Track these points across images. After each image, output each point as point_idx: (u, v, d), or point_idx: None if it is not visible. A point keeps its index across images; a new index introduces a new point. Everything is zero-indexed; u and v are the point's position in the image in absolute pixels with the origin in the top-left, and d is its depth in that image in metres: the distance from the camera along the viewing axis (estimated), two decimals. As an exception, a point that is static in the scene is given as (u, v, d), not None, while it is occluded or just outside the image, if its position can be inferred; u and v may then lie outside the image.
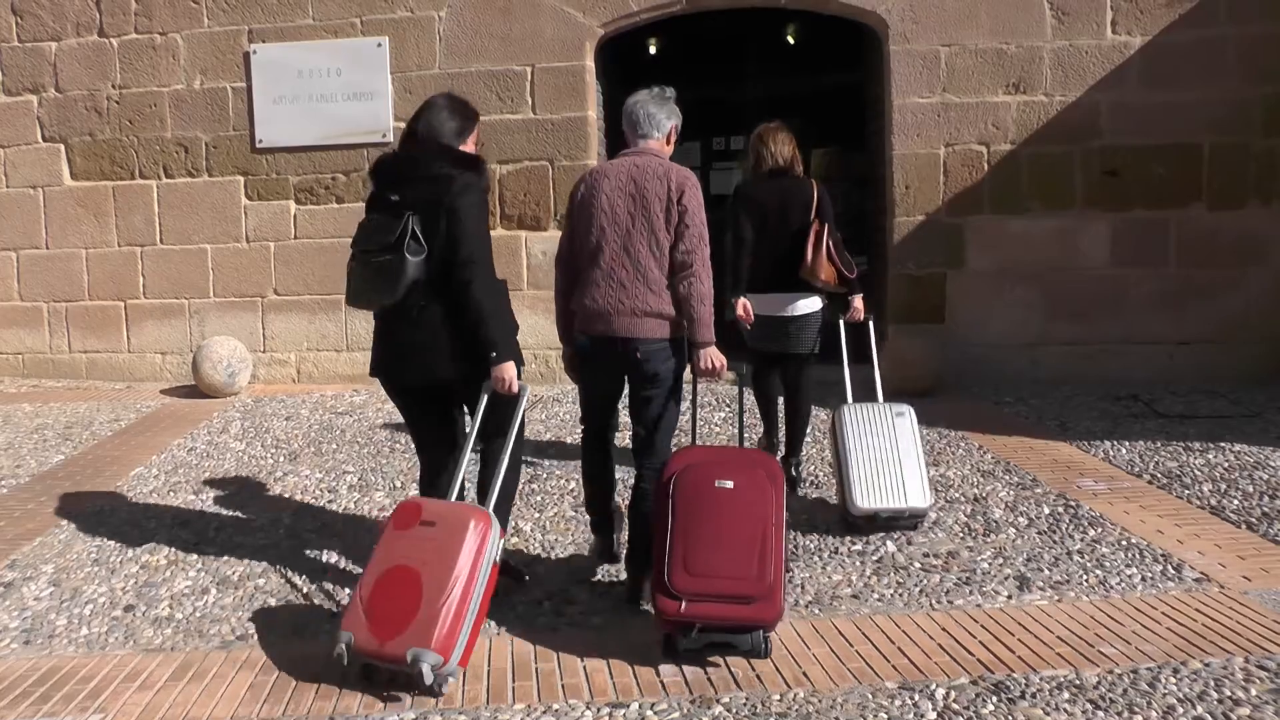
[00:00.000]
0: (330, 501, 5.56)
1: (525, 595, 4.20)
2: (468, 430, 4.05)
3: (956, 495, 5.37)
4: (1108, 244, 8.04)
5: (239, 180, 8.83)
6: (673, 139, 4.33)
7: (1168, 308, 8.01)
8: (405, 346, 4.03)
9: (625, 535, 4.29)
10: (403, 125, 6.89)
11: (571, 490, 5.59)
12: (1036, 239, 8.09)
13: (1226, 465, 5.78)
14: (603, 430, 4.38)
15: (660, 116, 4.26)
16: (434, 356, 3.94)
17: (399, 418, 4.73)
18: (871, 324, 5.65)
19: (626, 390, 4.21)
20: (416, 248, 3.83)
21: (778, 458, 5.57)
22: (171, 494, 5.77)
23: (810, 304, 5.54)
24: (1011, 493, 5.39)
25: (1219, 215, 7.95)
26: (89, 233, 9.04)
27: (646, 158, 4.19)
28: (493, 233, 4.38)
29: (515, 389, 3.90)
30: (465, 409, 4.21)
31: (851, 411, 5.11)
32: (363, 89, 8.59)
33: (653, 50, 10.63)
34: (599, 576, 4.43)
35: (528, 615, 4.04)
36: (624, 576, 4.22)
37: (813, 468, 5.94)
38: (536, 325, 8.48)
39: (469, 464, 4.02)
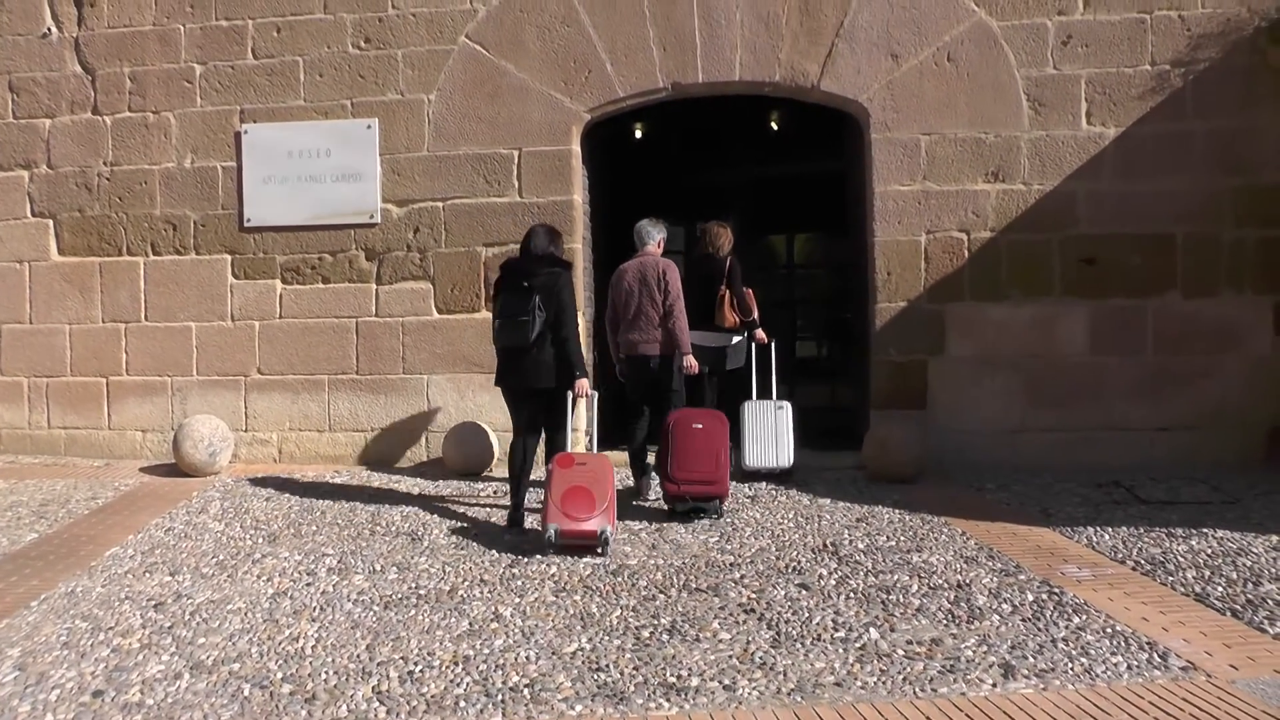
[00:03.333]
0: (308, 584, 5.50)
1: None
2: (570, 417, 6.71)
3: (940, 581, 5.35)
4: (1086, 331, 8.13)
5: (226, 259, 8.88)
6: (661, 245, 7.42)
7: (1146, 395, 8.08)
8: (526, 368, 6.59)
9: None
10: (391, 206, 8.31)
11: (552, 575, 5.56)
12: (1016, 326, 8.18)
13: (1209, 552, 5.79)
14: (639, 404, 7.41)
15: (653, 234, 7.39)
16: (543, 374, 6.57)
17: (380, 499, 7.17)
18: (773, 345, 8.15)
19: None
20: (539, 314, 6.47)
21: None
22: (147, 575, 5.70)
23: (723, 338, 7.99)
24: (995, 579, 5.37)
25: (1194, 303, 8.06)
26: (74, 308, 9.05)
27: (646, 257, 7.31)
28: (476, 315, 8.44)
29: (589, 392, 6.72)
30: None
31: (751, 405, 7.92)
32: (352, 170, 8.68)
33: (638, 135, 10.77)
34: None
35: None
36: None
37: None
38: (520, 406, 8.49)
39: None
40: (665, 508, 6.92)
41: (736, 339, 8.01)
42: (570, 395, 6.64)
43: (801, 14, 8.27)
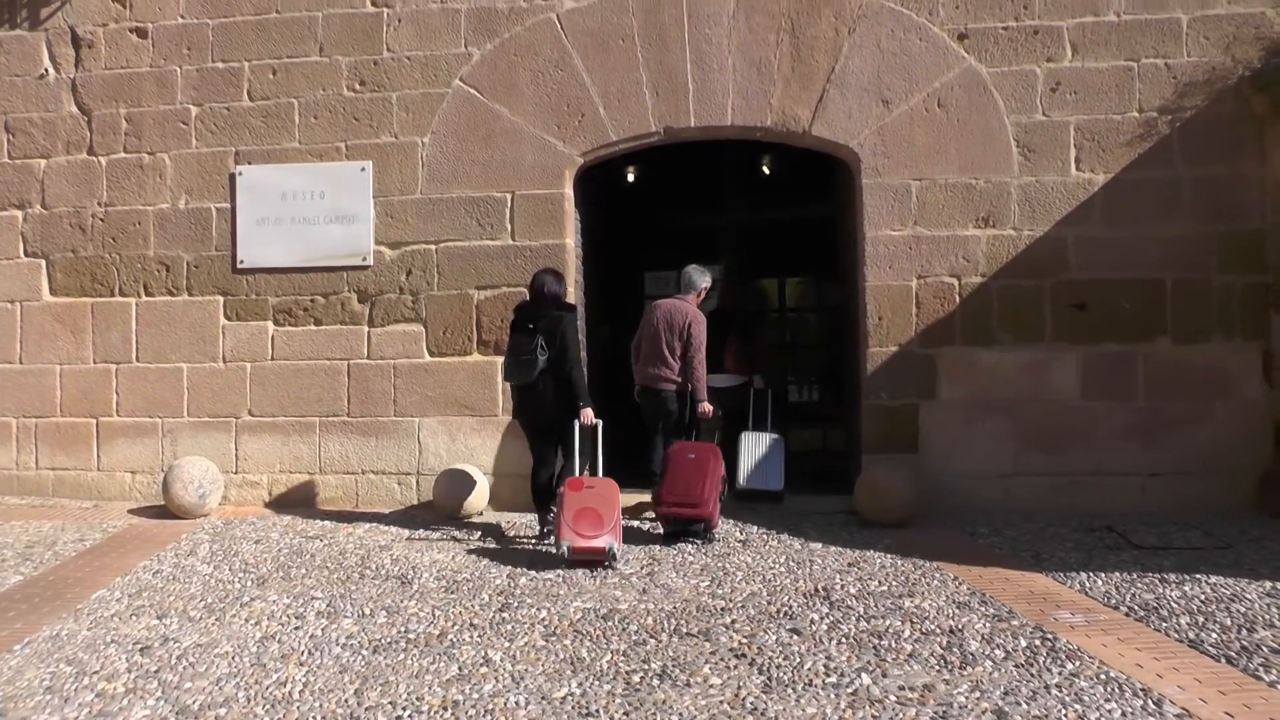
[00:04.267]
0: (297, 628, 5.46)
1: None
2: (574, 442, 7.34)
3: (932, 627, 5.33)
4: (1077, 376, 8.15)
5: (219, 300, 8.88)
6: (702, 295, 8.10)
7: (1138, 440, 8.08)
8: (534, 402, 7.32)
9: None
10: (384, 248, 8.70)
11: (542, 619, 5.52)
12: (1008, 371, 8.19)
13: (1203, 598, 5.78)
14: (655, 432, 7.98)
15: (697, 282, 8.07)
16: (549, 406, 7.27)
17: (370, 543, 7.39)
18: (770, 391, 9.14)
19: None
20: (542, 353, 7.16)
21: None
22: (134, 618, 5.65)
23: (730, 380, 9.03)
24: (987, 624, 5.35)
25: (1184, 349, 8.09)
26: (65, 349, 9.04)
27: (681, 302, 7.96)
28: (468, 358, 8.63)
29: (594, 421, 7.32)
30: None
31: (748, 435, 8.78)
32: (345, 212, 8.71)
33: (631, 178, 10.84)
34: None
35: None
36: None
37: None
38: (513, 451, 8.48)
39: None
40: (660, 541, 7.44)
41: (737, 380, 9.09)
42: (577, 424, 7.29)
43: (793, 59, 8.36)
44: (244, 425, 8.85)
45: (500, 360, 8.48)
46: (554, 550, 6.83)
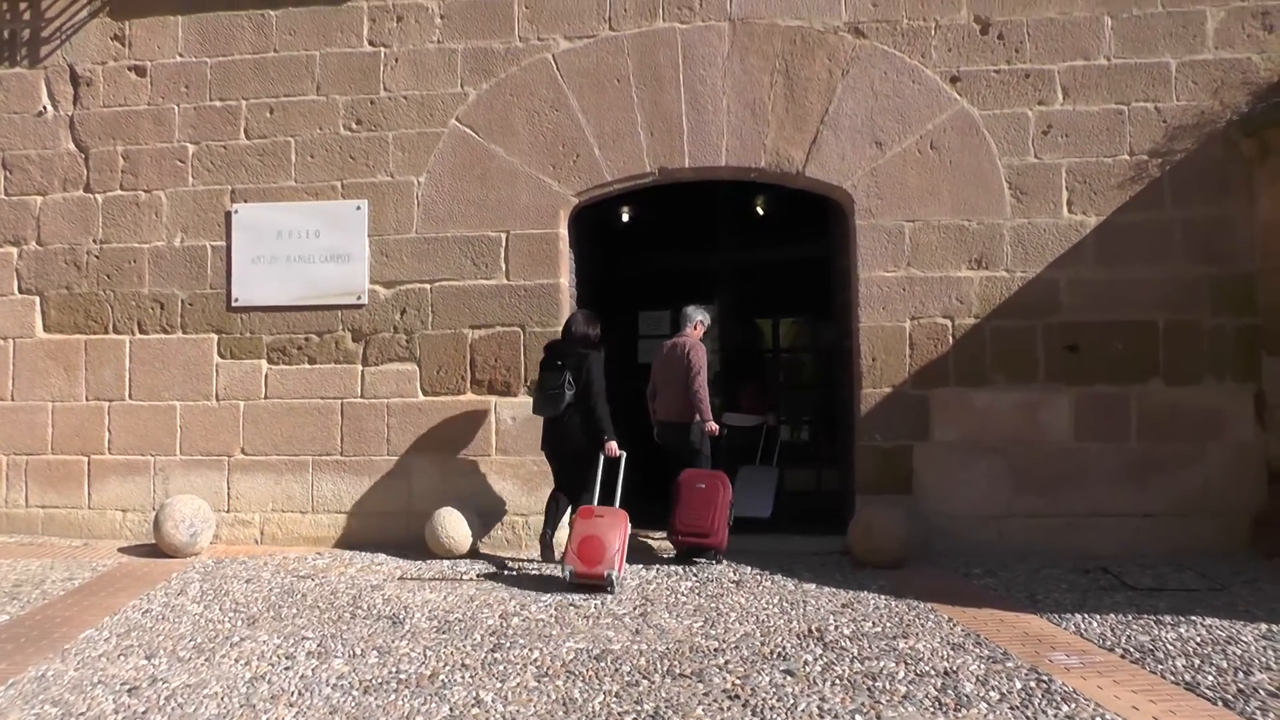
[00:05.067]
0: (287, 668, 5.42)
1: None
2: (596, 473, 7.67)
3: (926, 668, 5.30)
4: (1070, 417, 8.16)
5: (213, 338, 8.88)
6: (699, 329, 8.58)
7: (1131, 481, 8.08)
8: (560, 434, 7.84)
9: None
10: (379, 287, 8.97)
11: (535, 659, 5.49)
12: (1001, 412, 8.20)
13: (1199, 640, 5.76)
14: (674, 461, 8.28)
15: (693, 317, 8.58)
16: (574, 438, 7.77)
17: (362, 582, 7.40)
18: (779, 432, 10.29)
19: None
20: (569, 389, 7.68)
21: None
22: (122, 658, 5.61)
23: (745, 419, 9.94)
24: (982, 666, 5.32)
25: (1176, 391, 8.10)
26: (57, 385, 9.03)
27: (682, 338, 8.47)
28: (461, 397, 8.68)
29: (617, 454, 7.72)
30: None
31: (747, 468, 9.60)
32: (341, 251, 8.74)
33: (626, 218, 10.88)
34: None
35: None
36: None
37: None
38: (506, 491, 8.49)
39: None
40: (673, 561, 8.09)
41: (755, 420, 10.07)
42: (601, 456, 7.69)
43: (787, 101, 8.43)
44: (236, 464, 8.82)
45: (494, 400, 8.52)
46: (559, 573, 7.31)
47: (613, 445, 7.71)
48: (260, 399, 8.82)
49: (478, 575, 7.63)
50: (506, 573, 7.72)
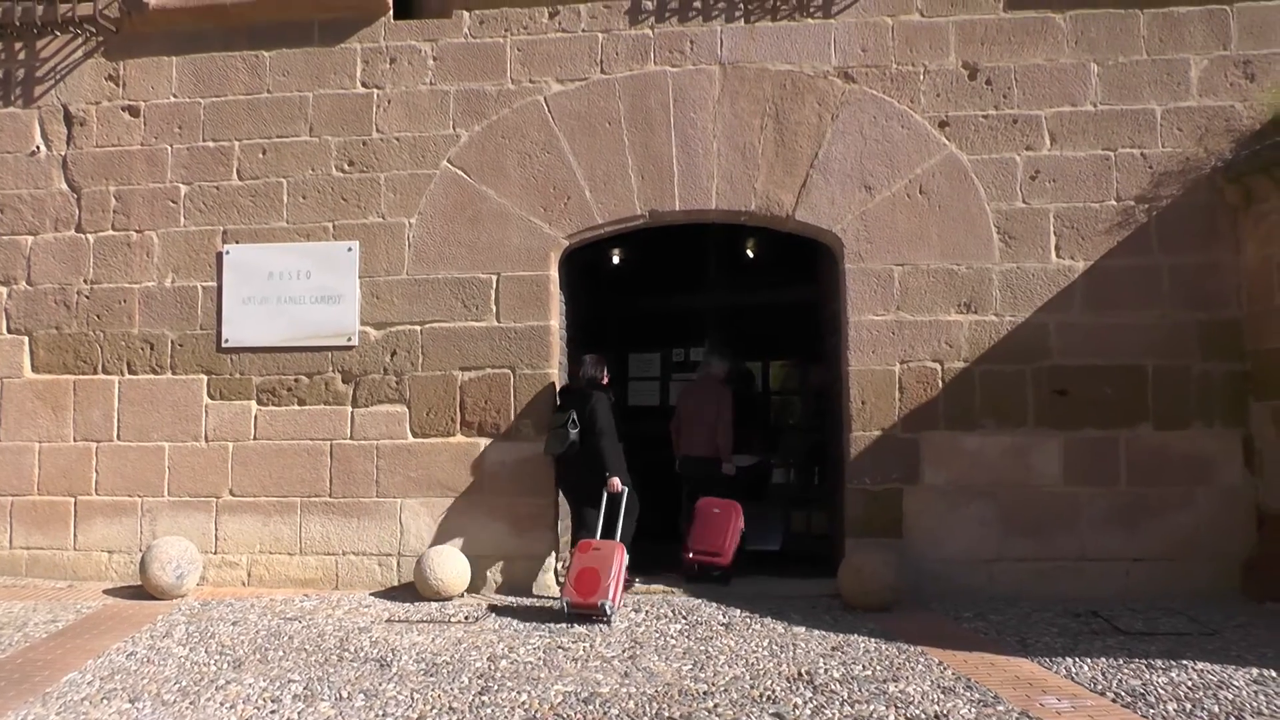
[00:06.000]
0: (273, 712, 5.37)
1: None
2: (600, 508, 8.08)
3: (917, 712, 5.27)
4: (1060, 461, 8.16)
5: (202, 379, 8.86)
6: (722, 373, 9.21)
7: (1122, 525, 8.08)
8: (570, 472, 8.31)
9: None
10: (369, 329, 8.72)
11: (523, 702, 5.45)
12: (991, 455, 8.20)
13: (1190, 684, 5.73)
14: (695, 491, 8.79)
15: (720, 363, 9.26)
16: (581, 475, 8.20)
17: (350, 625, 7.30)
18: (771, 473, 10.90)
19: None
20: (574, 428, 8.11)
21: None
22: (105, 702, 5.55)
23: (749, 459, 9.95)
24: (973, 710, 5.30)
25: (1165, 435, 8.12)
26: (45, 426, 8.98)
27: (710, 380, 9.19)
28: (451, 439, 8.65)
29: (620, 489, 8.11)
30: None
31: (751, 505, 9.16)
32: (331, 292, 8.74)
33: (616, 260, 10.91)
34: None
35: None
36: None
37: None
38: (495, 533, 8.45)
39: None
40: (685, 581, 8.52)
41: (751, 460, 10.17)
42: (605, 493, 8.09)
43: (777, 145, 8.49)
44: (225, 505, 8.77)
45: (484, 441, 8.52)
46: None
47: (615, 481, 8.10)
48: (249, 440, 8.78)
49: (466, 617, 7.58)
50: (495, 615, 7.67)
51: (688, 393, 9.43)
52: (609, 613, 7.35)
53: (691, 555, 8.38)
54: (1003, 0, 8.47)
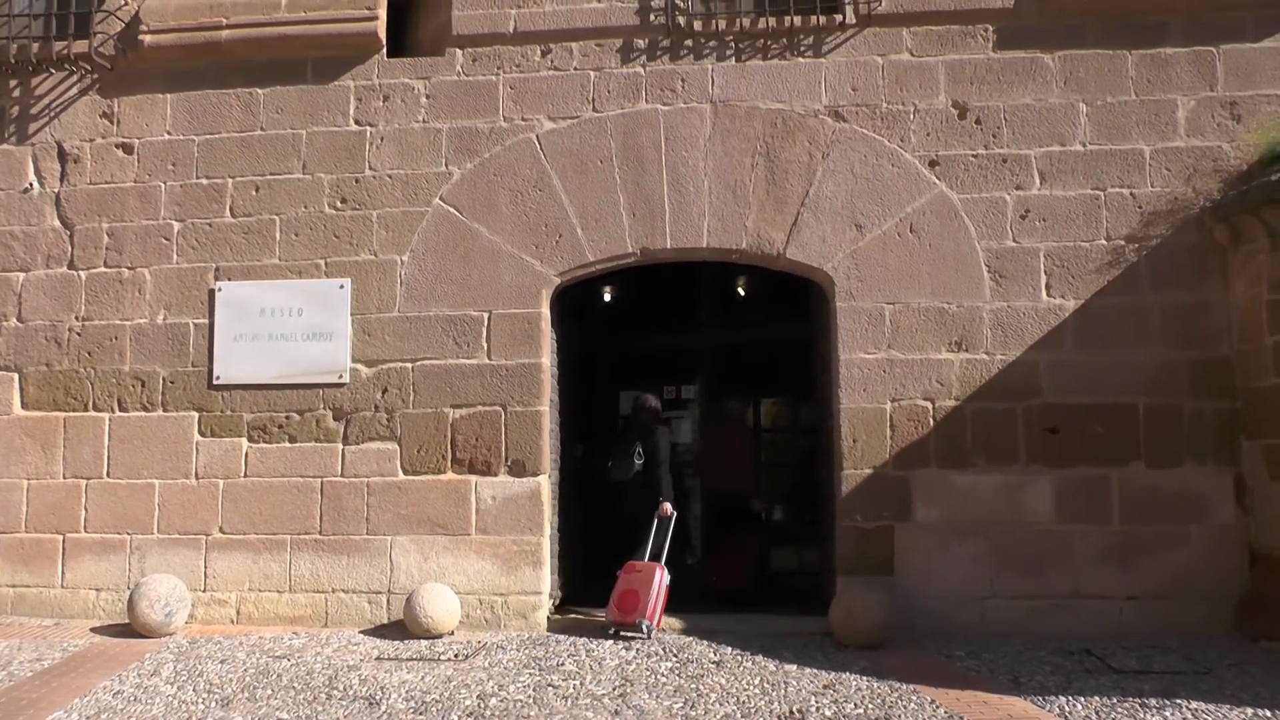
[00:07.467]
0: (259, 750, 5.31)
1: None
2: (650, 531, 8.62)
3: (909, 754, 5.23)
4: (1052, 499, 8.16)
5: (193, 416, 8.84)
6: (741, 417, 10.28)
7: (1114, 563, 8.06)
8: (628, 496, 8.98)
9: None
10: (360, 366, 8.65)
11: (513, 742, 5.40)
12: (982, 493, 8.20)
13: (1182, 725, 5.71)
14: (723, 523, 9.81)
15: (738, 409, 10.22)
16: (639, 500, 8.85)
17: (339, 662, 7.19)
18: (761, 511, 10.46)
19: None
20: (639, 458, 8.99)
21: None
22: (91, 739, 5.49)
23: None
24: (965, 752, 5.26)
25: (1158, 474, 8.12)
26: (33, 463, 8.94)
27: (736, 425, 10.17)
28: (441, 476, 8.64)
29: (670, 514, 8.78)
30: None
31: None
32: (323, 329, 8.74)
33: (607, 298, 10.93)
34: None
35: None
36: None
37: None
38: (483, 571, 8.41)
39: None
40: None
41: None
42: (656, 517, 8.72)
43: (768, 183, 8.54)
44: (214, 542, 8.72)
45: (475, 479, 8.48)
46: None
47: (666, 506, 8.83)
48: (240, 477, 8.75)
49: (456, 655, 7.53)
50: (485, 653, 7.61)
51: (717, 433, 10.21)
52: (644, 630, 7.86)
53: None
54: (992, 40, 8.57)
